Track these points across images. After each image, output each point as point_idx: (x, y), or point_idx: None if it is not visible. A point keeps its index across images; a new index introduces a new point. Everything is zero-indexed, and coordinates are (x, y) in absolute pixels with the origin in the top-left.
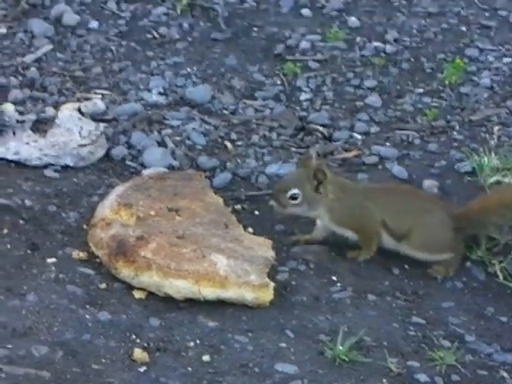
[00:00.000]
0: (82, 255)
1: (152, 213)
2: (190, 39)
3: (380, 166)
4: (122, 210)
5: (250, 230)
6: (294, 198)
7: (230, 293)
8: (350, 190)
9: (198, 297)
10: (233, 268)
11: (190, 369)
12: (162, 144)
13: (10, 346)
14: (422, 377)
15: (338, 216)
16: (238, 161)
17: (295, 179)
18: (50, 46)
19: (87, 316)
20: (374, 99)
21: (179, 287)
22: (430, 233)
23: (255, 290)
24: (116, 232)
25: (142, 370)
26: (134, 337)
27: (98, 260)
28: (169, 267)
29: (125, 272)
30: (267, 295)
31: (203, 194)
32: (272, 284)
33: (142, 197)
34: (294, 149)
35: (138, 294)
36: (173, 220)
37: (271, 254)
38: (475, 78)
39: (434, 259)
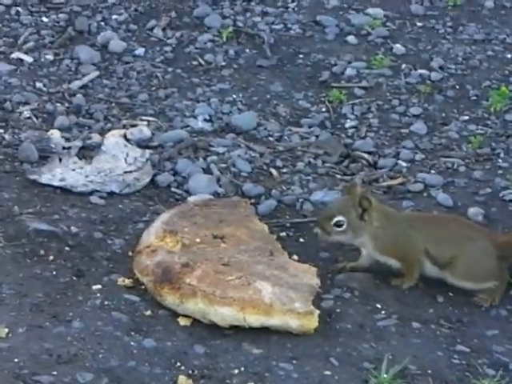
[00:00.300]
0: (127, 282)
1: (197, 240)
2: (235, 66)
3: (425, 194)
4: (167, 237)
5: (295, 257)
6: (339, 225)
7: (275, 320)
8: (394, 217)
9: (243, 324)
10: (278, 295)
11: None
12: (207, 171)
13: (55, 373)
14: None
15: (382, 244)
16: (283, 188)
17: (340, 206)
18: (97, 73)
19: (132, 343)
20: (419, 126)
21: (224, 314)
22: (473, 261)
23: (300, 317)
24: (161, 259)
25: None
26: (178, 364)
27: (143, 287)
28: (214, 294)
29: (170, 299)
30: (312, 323)
31: (248, 221)
32: (317, 311)
33: (187, 224)
34: (339, 176)
35: (183, 321)
36: (218, 247)
37: (316, 281)
38: None
39: (477, 288)
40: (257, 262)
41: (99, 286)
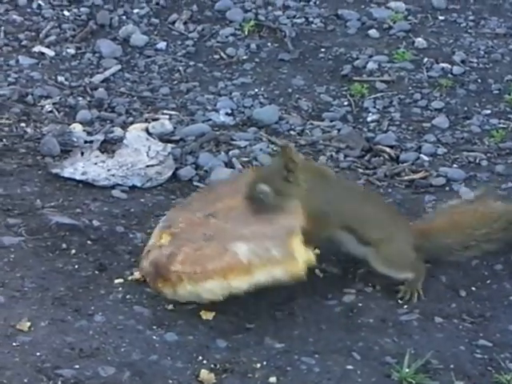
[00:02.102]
0: (139, 276)
1: (186, 225)
2: (257, 60)
3: (447, 188)
4: (163, 235)
5: (317, 251)
6: (263, 192)
7: (259, 276)
8: (328, 183)
9: (233, 291)
10: (253, 250)
11: None
12: (229, 165)
13: (77, 367)
14: None
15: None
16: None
17: (265, 173)
18: (118, 67)
19: (154, 337)
20: (441, 120)
21: (211, 288)
22: (397, 247)
23: (280, 263)
24: (153, 257)
25: None
26: (200, 358)
27: None
28: (196, 272)
29: (167, 291)
30: (296, 266)
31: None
32: (306, 251)
33: (184, 214)
34: (361, 170)
35: (205, 315)
36: (207, 225)
37: (299, 222)
38: None
39: (397, 276)
40: (243, 224)
41: (121, 280)
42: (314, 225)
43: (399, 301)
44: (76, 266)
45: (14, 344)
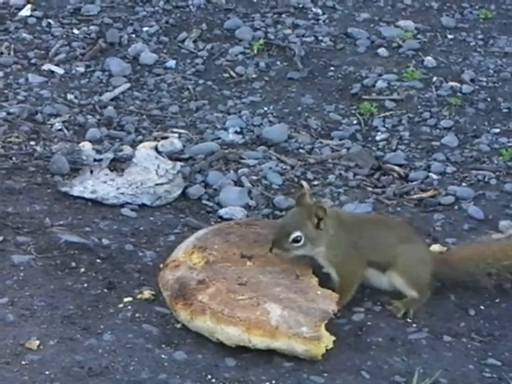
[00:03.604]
0: (148, 295)
1: (223, 257)
2: (266, 78)
3: (456, 207)
4: (195, 253)
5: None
6: (297, 240)
7: (280, 343)
8: (348, 224)
9: (248, 345)
10: (285, 318)
11: None
12: (238, 183)
13: None
14: None
15: (333, 253)
16: (314, 200)
17: (295, 221)
18: (128, 85)
19: (163, 355)
20: (450, 139)
21: (230, 334)
22: (413, 261)
23: (306, 342)
24: (181, 274)
25: None
26: (209, 377)
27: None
28: (222, 313)
29: (182, 315)
30: (319, 348)
31: None
32: (329, 337)
33: (219, 241)
34: (370, 189)
35: None
36: (242, 266)
37: (332, 307)
38: None
39: (408, 290)
40: (276, 284)
41: (130, 299)
42: (347, 270)
43: (387, 311)
44: (85, 285)
45: (23, 363)
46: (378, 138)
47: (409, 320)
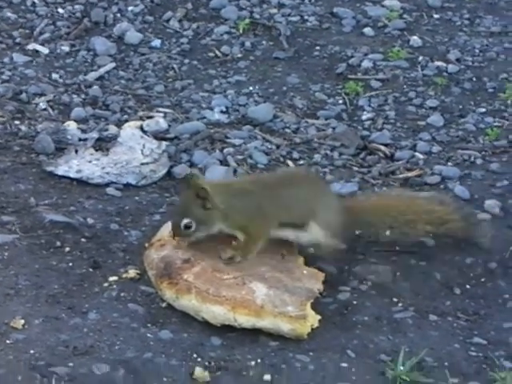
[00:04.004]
0: (133, 274)
1: (209, 237)
2: (252, 58)
3: (442, 186)
4: None
5: (312, 249)
6: (188, 226)
7: (266, 322)
8: (241, 192)
9: (234, 324)
10: (271, 297)
11: None
12: (224, 163)
13: (71, 365)
14: None
15: (233, 221)
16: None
17: (182, 207)
18: (113, 65)
19: (149, 334)
20: (435, 119)
21: (215, 313)
22: (330, 214)
23: (291, 321)
24: (166, 253)
25: None
26: (195, 356)
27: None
28: (207, 292)
29: (168, 294)
30: (304, 327)
31: None
32: (315, 316)
33: None
34: (355, 168)
35: None
36: (227, 246)
37: (318, 286)
38: None
39: (327, 243)
40: (262, 263)
41: (115, 278)
42: (252, 230)
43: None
44: (70, 264)
45: (8, 342)
46: (363, 117)
47: (395, 299)
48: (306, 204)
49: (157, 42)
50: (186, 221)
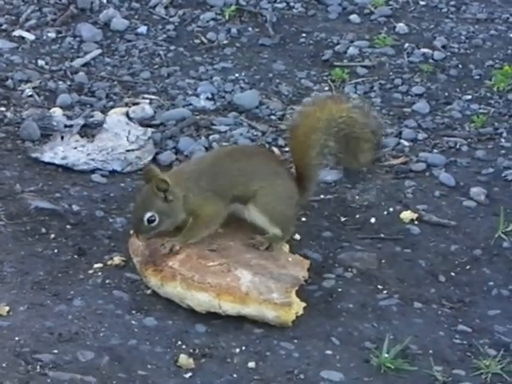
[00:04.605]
0: (118, 261)
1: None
2: (238, 44)
3: (427, 173)
4: None
5: (297, 236)
6: (151, 220)
7: (250, 309)
8: (194, 178)
9: (219, 311)
10: (256, 284)
11: (235, 375)
12: (209, 149)
13: (55, 351)
14: None
15: (189, 207)
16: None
17: (143, 202)
18: (99, 51)
19: (133, 322)
20: (421, 106)
21: (200, 300)
22: (276, 196)
23: (276, 308)
24: (152, 241)
25: (187, 376)
26: (179, 343)
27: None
28: (192, 279)
29: (153, 281)
30: (289, 315)
31: None
32: (299, 304)
33: None
34: (341, 155)
35: None
36: (213, 233)
37: (303, 274)
38: None
39: (270, 227)
40: (247, 251)
41: (100, 265)
42: (203, 212)
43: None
44: (55, 251)
45: None
46: None
47: (380, 286)
48: (250, 180)
49: (143, 29)
50: (148, 214)
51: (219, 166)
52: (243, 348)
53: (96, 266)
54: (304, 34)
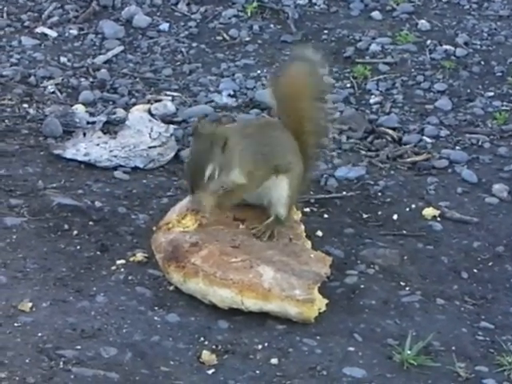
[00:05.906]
0: (140, 257)
1: (215, 220)
2: (259, 41)
3: (449, 170)
4: (188, 216)
5: (319, 233)
6: (212, 174)
7: (273, 306)
8: (249, 135)
9: (241, 307)
10: (278, 281)
11: (257, 371)
12: None
13: (78, 347)
14: (491, 382)
15: (245, 164)
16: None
17: (201, 157)
18: (121, 48)
19: (156, 318)
20: (443, 102)
21: (223, 296)
22: (296, 182)
23: (299, 305)
24: (174, 237)
25: (209, 372)
26: (202, 339)
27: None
28: (215, 275)
29: (175, 277)
30: (312, 311)
31: None
32: (322, 300)
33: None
34: (363, 152)
35: None
36: (235, 229)
37: (325, 270)
38: None
39: (279, 210)
40: (269, 247)
41: (123, 261)
42: (251, 180)
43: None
44: (78, 247)
45: (16, 324)
46: (371, 101)
47: (402, 283)
48: (286, 153)
49: (165, 26)
50: (210, 167)
51: (263, 134)
52: (266, 344)
53: (119, 262)
54: (326, 31)
